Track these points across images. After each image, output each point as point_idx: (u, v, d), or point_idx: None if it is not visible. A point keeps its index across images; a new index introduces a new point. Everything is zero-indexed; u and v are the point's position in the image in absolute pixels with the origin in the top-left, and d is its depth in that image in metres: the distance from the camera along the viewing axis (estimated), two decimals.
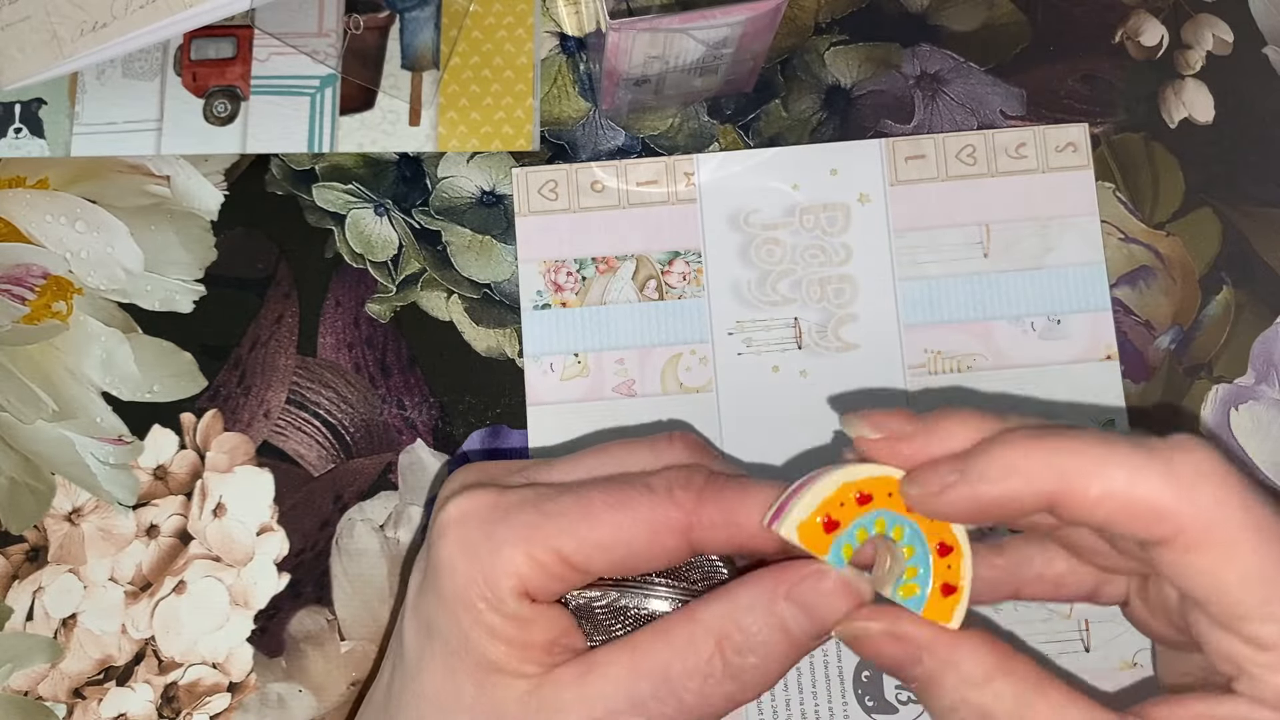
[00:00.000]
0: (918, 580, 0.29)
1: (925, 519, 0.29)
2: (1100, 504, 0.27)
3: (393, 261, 0.44)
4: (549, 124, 0.45)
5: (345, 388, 0.44)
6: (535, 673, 0.31)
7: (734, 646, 0.30)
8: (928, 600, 0.29)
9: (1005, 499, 0.28)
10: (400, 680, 0.33)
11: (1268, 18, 0.46)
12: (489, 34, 0.46)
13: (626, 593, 0.32)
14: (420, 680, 0.32)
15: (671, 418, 0.43)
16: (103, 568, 0.42)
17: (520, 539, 0.30)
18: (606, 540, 0.30)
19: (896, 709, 0.41)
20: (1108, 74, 0.46)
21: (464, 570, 0.31)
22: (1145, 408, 0.44)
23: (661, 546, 0.31)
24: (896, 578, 0.29)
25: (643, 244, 0.44)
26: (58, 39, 0.42)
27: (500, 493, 0.32)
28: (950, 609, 0.29)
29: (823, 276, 0.44)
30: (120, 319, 0.44)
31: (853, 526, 0.29)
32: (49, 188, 0.45)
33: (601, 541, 0.30)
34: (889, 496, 0.29)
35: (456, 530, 0.31)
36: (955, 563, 0.30)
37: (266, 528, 0.43)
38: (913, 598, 0.29)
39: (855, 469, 0.29)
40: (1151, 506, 0.26)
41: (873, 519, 0.29)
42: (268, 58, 0.45)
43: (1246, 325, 0.44)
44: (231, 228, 0.45)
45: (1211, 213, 0.45)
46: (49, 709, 0.42)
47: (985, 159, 0.45)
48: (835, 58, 0.46)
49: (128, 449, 0.43)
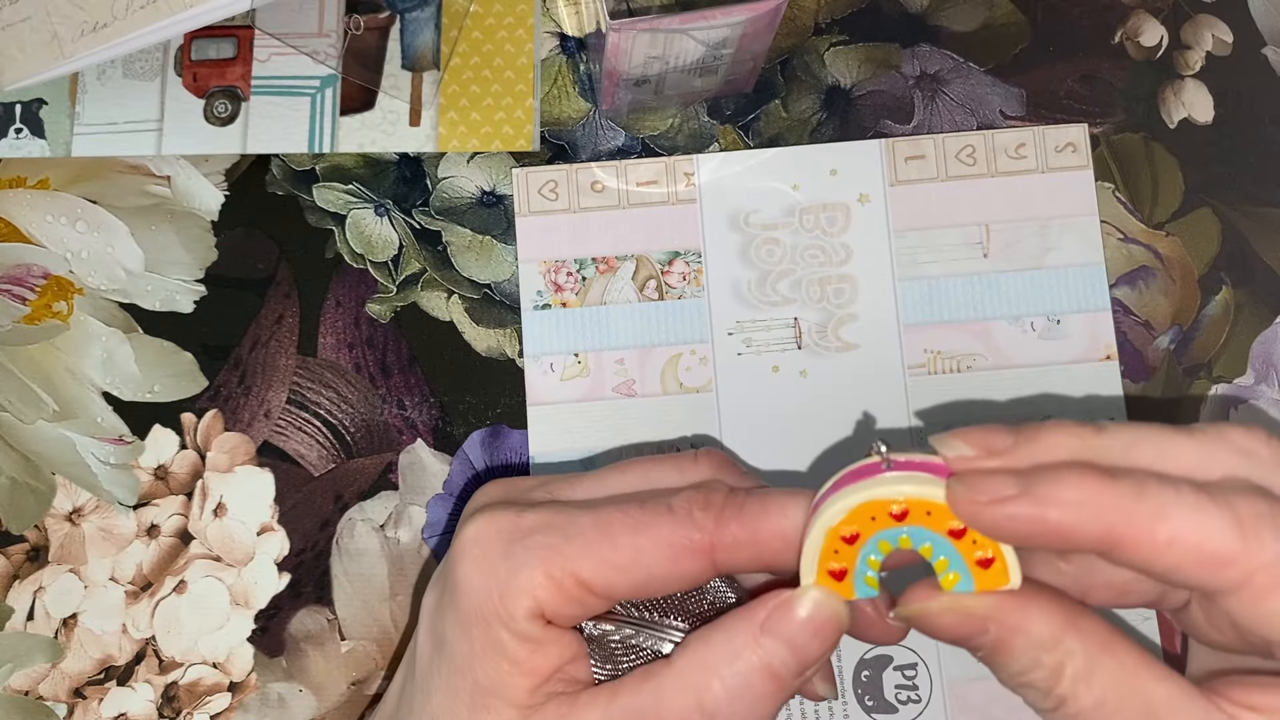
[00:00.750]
0: (952, 569, 0.28)
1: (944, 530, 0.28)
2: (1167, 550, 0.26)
3: (393, 262, 0.44)
4: (549, 124, 0.45)
5: (345, 388, 0.44)
6: (528, 703, 0.30)
7: (713, 698, 0.29)
8: (974, 579, 0.28)
9: (1067, 529, 0.27)
10: (409, 694, 0.33)
11: (1267, 18, 0.46)
12: (489, 34, 0.46)
13: (643, 632, 0.32)
14: (427, 696, 0.32)
15: (672, 418, 0.43)
16: (103, 567, 0.43)
17: (539, 561, 0.30)
18: (626, 563, 0.30)
19: (896, 709, 0.41)
20: (1107, 74, 0.46)
21: (480, 587, 0.31)
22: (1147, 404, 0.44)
23: (684, 569, 0.30)
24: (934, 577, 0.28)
25: (643, 244, 0.44)
26: (58, 39, 0.42)
27: (520, 513, 0.32)
28: (1002, 575, 0.28)
29: (823, 276, 0.44)
30: (121, 319, 0.44)
31: (860, 563, 0.28)
32: (50, 188, 0.45)
33: (621, 565, 0.30)
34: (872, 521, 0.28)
35: (476, 549, 0.31)
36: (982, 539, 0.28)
37: (267, 527, 0.43)
38: (958, 585, 0.28)
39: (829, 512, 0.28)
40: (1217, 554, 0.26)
41: (875, 543, 0.28)
42: (268, 58, 0.45)
43: (1246, 325, 0.44)
44: (232, 228, 0.45)
45: (1211, 213, 0.45)
46: (49, 709, 0.42)
47: (985, 159, 0.45)
48: (835, 58, 0.46)
49: (128, 449, 0.43)
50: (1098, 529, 0.27)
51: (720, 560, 0.30)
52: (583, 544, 0.30)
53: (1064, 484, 0.27)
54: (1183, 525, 0.26)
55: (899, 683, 0.42)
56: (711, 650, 0.30)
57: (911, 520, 0.28)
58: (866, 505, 0.28)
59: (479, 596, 0.31)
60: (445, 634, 0.32)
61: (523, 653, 0.30)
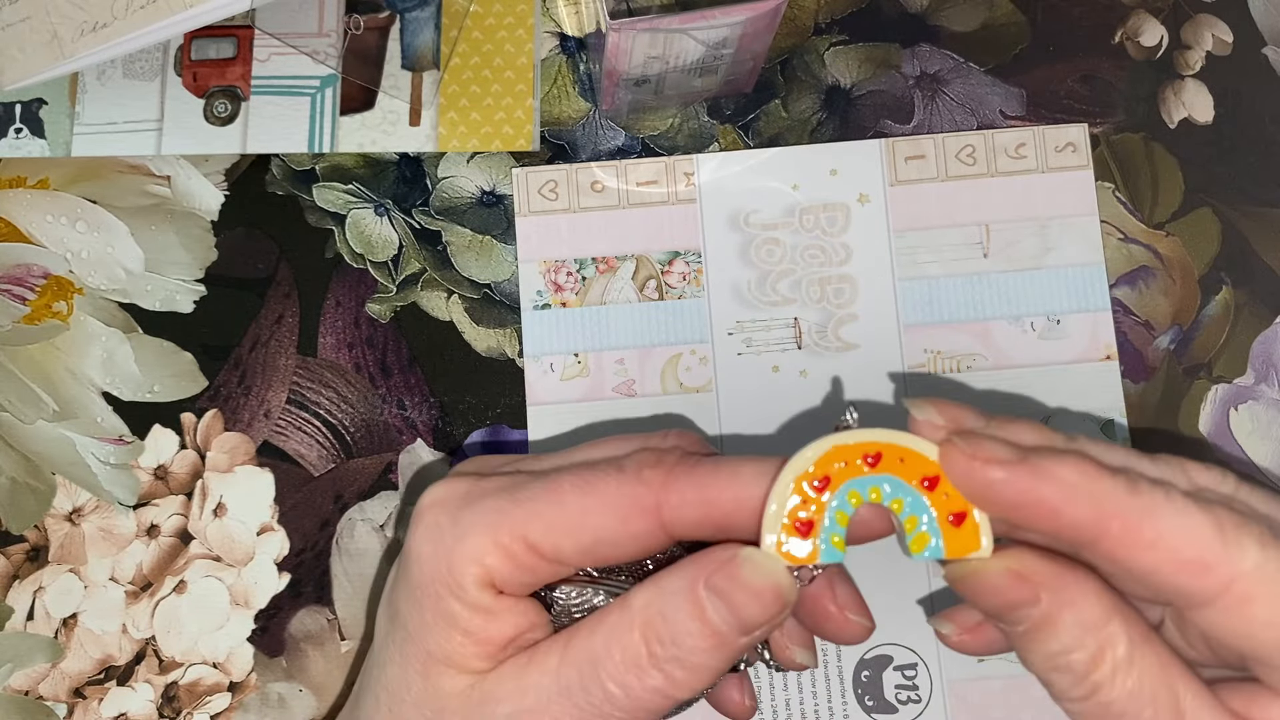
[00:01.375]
0: (922, 528, 0.27)
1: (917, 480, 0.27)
2: (1150, 549, 0.26)
3: (393, 261, 0.44)
4: (549, 124, 0.45)
5: (345, 388, 0.44)
6: (484, 668, 0.30)
7: (658, 636, 0.28)
8: (944, 538, 0.27)
9: (1058, 507, 0.26)
10: (366, 668, 0.33)
11: (1267, 18, 0.46)
12: (489, 34, 0.46)
13: (601, 590, 0.31)
14: (382, 669, 0.31)
15: (672, 418, 0.43)
16: (103, 567, 0.43)
17: (487, 525, 0.29)
18: (573, 524, 0.29)
19: (896, 709, 0.41)
20: (1107, 74, 0.46)
21: (429, 556, 0.30)
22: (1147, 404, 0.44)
23: (632, 530, 0.29)
24: (904, 538, 0.28)
25: (643, 244, 0.44)
26: (58, 39, 0.42)
27: (476, 481, 0.31)
28: (973, 536, 0.27)
29: (823, 276, 0.44)
30: (121, 319, 0.44)
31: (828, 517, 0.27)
32: (49, 188, 0.45)
33: (567, 526, 0.29)
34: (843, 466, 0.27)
35: (428, 517, 0.30)
36: (954, 492, 0.27)
37: (267, 527, 0.43)
38: (928, 548, 0.27)
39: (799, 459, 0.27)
40: (1199, 559, 0.26)
41: (844, 494, 0.27)
42: (268, 58, 0.45)
43: (1246, 325, 0.44)
44: (232, 228, 0.45)
45: (1211, 213, 0.45)
46: (49, 709, 0.42)
47: (985, 159, 0.45)
48: (835, 58, 0.46)
49: (128, 449, 0.43)
50: (1087, 515, 0.26)
51: (669, 521, 0.29)
52: (531, 507, 0.29)
53: (1064, 463, 0.27)
54: (1169, 526, 0.26)
55: (899, 683, 0.42)
56: (661, 596, 0.28)
57: (884, 467, 0.27)
58: (839, 449, 0.27)
59: (428, 566, 0.30)
60: (399, 605, 0.31)
61: (475, 623, 0.29)
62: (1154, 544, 0.26)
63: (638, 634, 0.28)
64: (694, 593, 0.28)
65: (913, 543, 0.28)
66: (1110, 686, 0.27)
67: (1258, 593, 0.26)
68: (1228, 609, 0.26)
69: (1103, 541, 0.27)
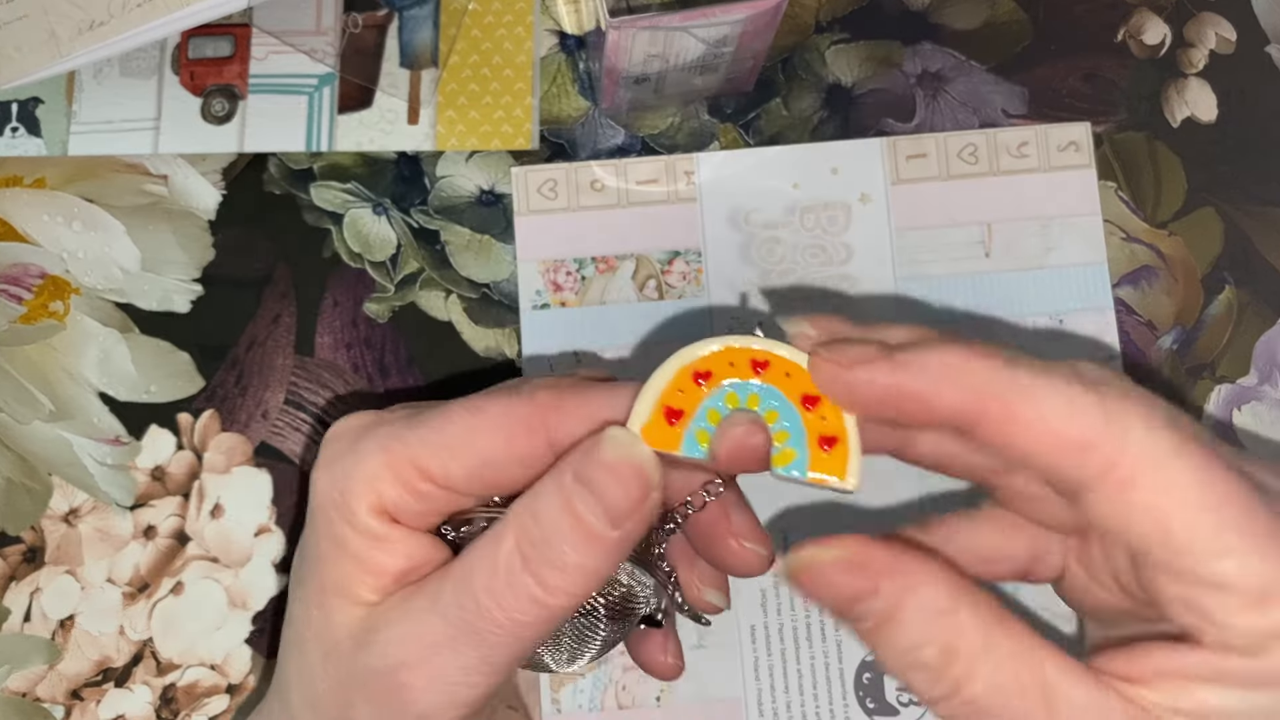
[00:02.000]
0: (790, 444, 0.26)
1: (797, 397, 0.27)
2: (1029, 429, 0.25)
3: (391, 261, 0.44)
4: (548, 123, 0.45)
5: (343, 388, 0.44)
6: (374, 600, 0.29)
7: (530, 539, 0.27)
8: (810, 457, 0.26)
9: (927, 395, 0.25)
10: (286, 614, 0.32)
11: (1270, 16, 0.46)
12: (488, 32, 0.46)
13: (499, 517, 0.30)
14: (290, 606, 0.31)
15: None
16: (100, 569, 0.42)
17: (378, 449, 0.29)
18: (460, 445, 0.28)
19: (898, 710, 0.41)
20: (1110, 73, 0.46)
21: (325, 484, 0.29)
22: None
23: (518, 450, 0.28)
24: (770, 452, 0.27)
25: (642, 243, 0.44)
26: (55, 37, 0.42)
27: (379, 413, 0.30)
28: (841, 463, 0.26)
29: (823, 276, 0.44)
30: (117, 319, 0.44)
31: (700, 410, 0.27)
32: (46, 187, 0.45)
33: (456, 447, 0.28)
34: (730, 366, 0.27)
35: (327, 449, 0.30)
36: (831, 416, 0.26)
37: (264, 528, 0.43)
38: (792, 463, 0.26)
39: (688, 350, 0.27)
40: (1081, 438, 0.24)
41: (722, 394, 0.27)
42: (266, 56, 0.45)
43: (1249, 325, 0.44)
44: (229, 227, 0.44)
45: (1214, 212, 0.45)
46: (47, 710, 0.42)
47: (987, 158, 0.45)
48: (836, 56, 0.46)
49: (125, 449, 0.43)
50: (959, 399, 0.25)
51: (558, 441, 0.28)
52: (424, 431, 0.29)
53: (930, 352, 0.26)
54: (1049, 405, 0.25)
55: (901, 684, 0.41)
56: (534, 496, 0.28)
57: (768, 378, 0.27)
58: (730, 350, 0.27)
59: (324, 494, 0.29)
60: (305, 541, 0.30)
61: (365, 549, 0.29)
62: (1033, 423, 0.25)
63: (511, 539, 0.27)
64: (561, 485, 0.27)
65: (777, 457, 0.27)
66: (971, 681, 0.25)
67: (1140, 475, 0.24)
68: (1110, 496, 0.25)
69: (982, 426, 0.25)
